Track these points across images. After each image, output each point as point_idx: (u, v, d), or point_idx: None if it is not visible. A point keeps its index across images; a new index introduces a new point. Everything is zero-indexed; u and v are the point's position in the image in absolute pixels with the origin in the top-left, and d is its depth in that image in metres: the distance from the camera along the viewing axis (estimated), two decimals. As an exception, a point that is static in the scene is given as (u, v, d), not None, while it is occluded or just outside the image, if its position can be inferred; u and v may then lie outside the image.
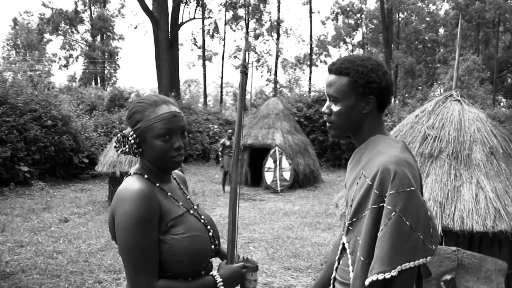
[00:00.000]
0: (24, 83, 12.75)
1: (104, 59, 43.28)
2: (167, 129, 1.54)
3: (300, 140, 14.90)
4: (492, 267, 3.48)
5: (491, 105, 27.29)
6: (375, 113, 1.68)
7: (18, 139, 10.99)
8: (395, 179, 1.46)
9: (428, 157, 4.04)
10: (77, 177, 13.16)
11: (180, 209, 1.58)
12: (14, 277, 4.96)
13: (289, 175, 13.37)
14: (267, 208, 10.38)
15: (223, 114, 25.15)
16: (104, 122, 16.57)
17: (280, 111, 15.25)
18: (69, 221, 7.89)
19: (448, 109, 4.23)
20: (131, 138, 1.54)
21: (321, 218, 9.20)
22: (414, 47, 46.39)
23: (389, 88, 1.65)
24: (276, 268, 5.62)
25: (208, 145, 21.09)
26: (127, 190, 1.46)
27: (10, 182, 10.50)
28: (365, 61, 1.63)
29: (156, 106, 1.56)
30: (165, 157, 1.56)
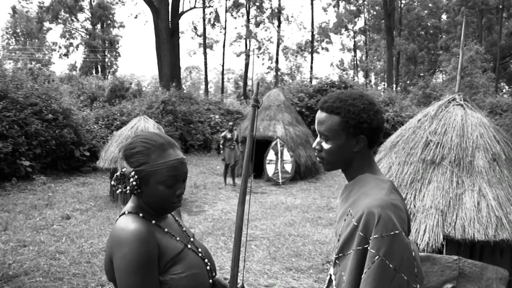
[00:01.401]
0: (24, 77, 12.70)
1: (105, 47, 43.09)
2: (173, 177, 1.53)
3: (301, 131, 14.87)
4: (493, 275, 3.49)
5: (493, 92, 27.20)
6: (365, 151, 1.68)
7: (19, 133, 10.98)
8: (379, 223, 1.47)
9: (430, 164, 4.02)
10: (78, 170, 13.18)
11: (178, 244, 1.56)
12: (17, 280, 4.99)
13: (291, 167, 13.38)
14: (268, 202, 10.40)
15: (224, 104, 25.08)
16: (105, 114, 16.54)
17: (282, 103, 15.20)
18: (71, 218, 7.92)
19: (451, 114, 4.19)
20: (132, 180, 1.50)
21: (322, 212, 9.21)
22: (416, 34, 46.08)
23: (380, 127, 1.64)
24: (278, 269, 5.64)
25: (210, 136, 21.08)
26: (124, 231, 1.43)
27: (12, 177, 10.51)
28: (356, 100, 1.62)
29: (162, 150, 1.54)
30: (165, 202, 1.55)
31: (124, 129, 9.86)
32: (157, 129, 9.93)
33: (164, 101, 19.03)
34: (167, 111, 18.91)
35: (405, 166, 4.16)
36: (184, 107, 20.74)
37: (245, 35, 41.12)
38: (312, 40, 45.35)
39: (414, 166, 4.09)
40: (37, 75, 13.88)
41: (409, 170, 4.10)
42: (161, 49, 23.04)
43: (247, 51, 41.68)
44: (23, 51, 40.64)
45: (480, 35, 36.63)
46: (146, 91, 21.46)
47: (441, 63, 31.90)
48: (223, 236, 7.19)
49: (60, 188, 10.83)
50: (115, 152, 9.30)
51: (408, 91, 30.14)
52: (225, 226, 7.83)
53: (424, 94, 25.40)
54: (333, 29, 50.09)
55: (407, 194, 3.98)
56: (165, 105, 18.94)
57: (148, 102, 18.21)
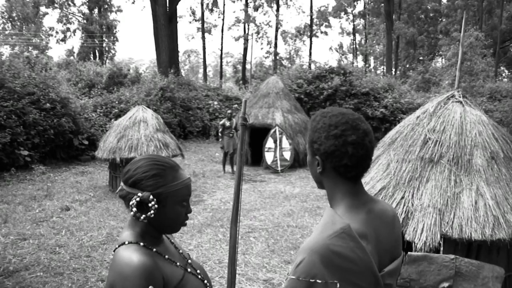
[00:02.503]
0: (21, 65, 12.61)
1: (102, 32, 42.71)
2: (188, 195, 1.58)
3: (300, 119, 14.86)
4: (489, 274, 3.51)
5: (493, 77, 27.09)
6: (332, 177, 1.53)
7: (17, 123, 10.95)
8: (300, 266, 1.35)
9: (428, 162, 4.02)
10: (77, 159, 13.19)
11: (179, 271, 1.55)
12: (18, 275, 5.03)
13: (290, 155, 13.40)
14: (267, 190, 10.43)
15: (223, 90, 24.98)
16: (103, 102, 16.47)
17: (280, 90, 15.15)
18: (71, 210, 7.95)
19: (449, 111, 4.18)
20: (154, 203, 1.47)
21: (321, 202, 9.25)
22: (416, 17, 45.74)
23: (334, 153, 1.46)
24: (276, 262, 5.68)
25: (208, 122, 21.05)
26: (128, 266, 1.38)
27: (10, 167, 10.52)
28: (320, 117, 1.52)
29: (175, 170, 1.56)
30: (178, 222, 1.58)
31: (122, 119, 9.84)
32: (155, 118, 9.92)
33: (163, 88, 18.96)
34: (166, 98, 18.85)
35: (404, 164, 4.16)
36: (182, 94, 20.67)
37: (243, 19, 40.82)
38: (311, 24, 45.03)
39: (412, 164, 4.10)
40: (34, 63, 13.76)
41: (407, 168, 4.10)
42: (159, 35, 22.86)
43: (245, 35, 41.40)
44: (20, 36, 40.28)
45: (481, 19, 36.39)
46: (144, 78, 21.35)
47: (440, 47, 31.73)
48: (222, 228, 7.23)
49: (59, 178, 10.85)
50: (113, 143, 9.29)
51: (407, 75, 30.02)
52: (224, 217, 7.86)
53: (424, 79, 25.31)
54: (332, 12, 49.70)
55: (405, 193, 3.99)
56: (163, 92, 18.87)
57: (146, 89, 18.13)
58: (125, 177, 1.54)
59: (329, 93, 19.68)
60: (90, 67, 21.84)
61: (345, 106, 19.51)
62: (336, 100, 19.75)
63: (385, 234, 1.52)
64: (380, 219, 1.53)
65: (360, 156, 1.45)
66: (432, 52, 39.50)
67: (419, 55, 42.77)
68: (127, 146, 9.19)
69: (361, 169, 1.49)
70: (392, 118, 19.32)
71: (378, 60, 57.35)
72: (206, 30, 39.64)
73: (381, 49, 51.16)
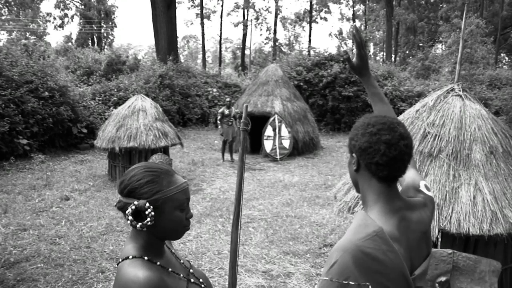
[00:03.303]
0: (18, 53, 12.52)
1: (100, 18, 42.35)
2: (186, 200, 1.54)
3: (299, 107, 14.82)
4: (486, 268, 3.54)
5: (493, 64, 26.98)
6: (366, 177, 1.56)
7: (16, 112, 10.93)
8: (334, 267, 1.38)
9: (427, 156, 4.02)
10: (76, 147, 13.18)
11: (182, 282, 1.54)
12: (18, 266, 5.06)
13: (289, 143, 13.40)
14: (266, 179, 10.45)
15: (222, 77, 24.87)
16: (102, 90, 16.40)
17: (279, 78, 15.10)
18: (70, 199, 7.97)
19: (449, 105, 4.17)
20: (150, 210, 1.44)
21: (320, 191, 9.28)
22: (417, 3, 45.34)
23: (367, 150, 1.50)
24: (275, 253, 5.72)
25: (207, 109, 21.00)
26: (135, 283, 1.35)
27: (10, 156, 10.52)
28: (364, 118, 1.59)
29: (170, 175, 1.53)
30: (180, 227, 1.54)
31: (121, 108, 9.82)
32: (154, 107, 9.90)
33: (161, 75, 18.88)
34: (165, 85, 18.78)
35: (402, 157, 4.16)
36: (181, 81, 20.59)
37: (242, 5, 40.49)
38: (310, 9, 44.68)
39: (411, 158, 4.10)
40: (31, 51, 13.67)
41: (406, 162, 4.11)
42: (158, 21, 22.68)
43: (244, 21, 41.11)
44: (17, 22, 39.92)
45: (482, 5, 36.09)
46: (143, 65, 21.24)
47: (441, 34, 31.55)
48: (221, 218, 7.26)
49: (58, 167, 10.86)
50: (112, 132, 9.29)
51: (407, 62, 29.88)
52: (223, 207, 7.89)
53: (423, 66, 25.20)
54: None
55: (403, 186, 4.01)
56: (162, 79, 18.79)
57: (145, 76, 18.05)
58: (120, 187, 1.51)
59: (328, 80, 19.62)
60: (88, 53, 21.70)
61: (345, 94, 19.48)
62: (336, 87, 19.70)
63: (417, 241, 1.54)
64: (414, 225, 1.55)
65: (392, 156, 1.47)
66: (432, 38, 39.22)
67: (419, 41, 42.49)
68: (126, 135, 9.19)
69: (393, 171, 1.51)
70: (391, 105, 19.28)
71: (377, 46, 57.02)
72: (205, 16, 39.33)
73: (381, 35, 50.86)
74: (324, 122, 20.12)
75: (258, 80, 15.47)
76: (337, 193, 4.71)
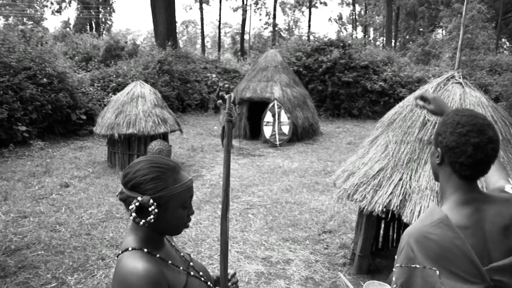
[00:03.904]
0: (16, 39, 12.42)
1: (98, 3, 41.96)
2: (190, 197, 1.54)
3: (299, 93, 14.79)
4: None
5: (494, 50, 26.84)
6: (447, 172, 1.60)
7: (14, 99, 10.88)
8: (402, 252, 1.48)
9: (427, 144, 4.02)
10: (75, 134, 13.16)
11: (183, 276, 1.54)
12: (19, 253, 5.09)
13: (288, 129, 13.39)
14: (266, 165, 10.47)
15: (221, 62, 24.74)
16: (100, 76, 16.31)
17: (279, 64, 15.03)
18: (70, 186, 7.97)
19: (449, 93, 4.15)
20: (154, 207, 1.43)
21: (319, 177, 9.30)
22: (417, -13, 44.93)
23: (454, 150, 1.53)
24: (275, 240, 5.75)
25: (207, 95, 20.93)
26: (133, 274, 1.35)
27: (9, 143, 10.49)
28: (455, 114, 1.59)
29: (176, 172, 1.51)
30: (181, 224, 1.55)
31: (120, 95, 9.77)
32: (153, 93, 9.86)
33: (160, 61, 18.78)
34: (164, 71, 18.69)
35: (402, 145, 4.16)
36: (180, 66, 20.49)
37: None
38: (310, -6, 44.31)
39: (411, 146, 4.10)
40: (29, 37, 13.55)
41: (406, 150, 4.11)
42: (156, 6, 22.48)
43: (244, 6, 40.78)
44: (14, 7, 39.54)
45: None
46: (141, 50, 21.10)
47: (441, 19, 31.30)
48: (221, 204, 7.26)
49: (57, 154, 10.85)
50: (111, 118, 9.26)
51: (407, 47, 29.71)
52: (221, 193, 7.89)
53: (423, 51, 25.07)
54: (332, -18, 48.77)
55: (403, 174, 4.01)
56: (161, 65, 18.69)
57: (144, 62, 17.95)
58: (125, 180, 1.49)
59: (328, 66, 19.54)
60: (86, 39, 21.52)
61: (344, 80, 19.41)
62: (335, 73, 19.63)
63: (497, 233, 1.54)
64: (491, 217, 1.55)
65: (478, 159, 1.50)
66: (433, 23, 38.92)
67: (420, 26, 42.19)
68: (125, 122, 9.16)
69: (476, 172, 1.54)
70: (391, 91, 19.25)
71: (377, 32, 56.65)
72: (203, 1, 39.01)
73: (381, 20, 50.49)
74: (323, 108, 20.09)
75: (257, 66, 15.40)
76: (336, 180, 4.72)
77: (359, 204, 4.20)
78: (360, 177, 4.28)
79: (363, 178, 4.25)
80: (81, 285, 4.42)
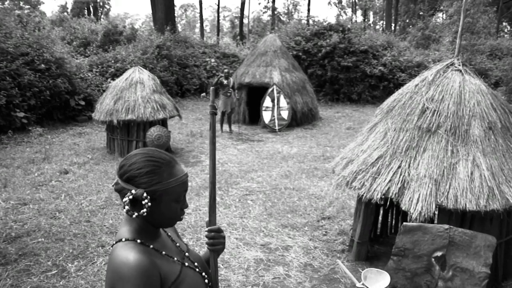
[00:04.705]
0: (12, 25, 12.30)
1: (95, -14, 41.55)
2: (184, 192, 1.55)
3: (298, 78, 14.73)
4: (481, 243, 3.59)
5: (494, 34, 26.65)
6: None
7: (12, 85, 10.81)
8: None
9: (426, 132, 4.02)
10: (74, 120, 13.13)
11: (177, 266, 1.55)
12: (20, 241, 5.11)
13: (287, 114, 13.37)
14: (265, 151, 10.47)
15: (220, 47, 24.58)
16: (99, 61, 16.21)
17: (278, 48, 14.94)
18: (69, 173, 7.98)
19: (448, 80, 4.14)
20: (147, 201, 1.45)
21: (318, 162, 9.31)
22: (418, -31, 44.43)
23: None
24: (274, 226, 5.77)
25: (206, 80, 20.85)
26: (126, 266, 1.37)
27: (7, 130, 10.46)
28: None
29: (171, 167, 1.52)
30: (175, 217, 1.56)
31: (118, 80, 9.72)
32: (152, 79, 9.81)
33: (159, 46, 18.65)
34: (162, 56, 18.58)
35: (401, 132, 4.16)
36: (179, 51, 20.36)
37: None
38: (310, -23, 43.79)
39: (410, 133, 4.10)
40: (26, 22, 13.43)
41: (405, 137, 4.11)
42: (154, -10, 22.27)
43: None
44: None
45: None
46: (140, 35, 20.94)
47: (442, 3, 31.02)
48: (220, 190, 7.30)
49: (56, 140, 10.84)
50: (110, 105, 9.23)
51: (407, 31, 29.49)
52: (221, 179, 7.92)
53: (423, 35, 24.89)
54: (332, -36, 48.28)
55: (402, 162, 4.02)
56: (159, 50, 18.57)
57: (142, 47, 17.83)
58: (120, 172, 1.52)
59: (327, 50, 19.43)
60: (84, 24, 21.33)
61: (344, 64, 19.32)
62: (335, 58, 19.54)
63: None
64: None
65: None
66: (433, 7, 38.57)
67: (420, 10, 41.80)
68: (124, 108, 9.14)
69: None
70: (390, 76, 19.17)
71: (377, 15, 56.21)
72: (202, -16, 38.58)
73: (381, 3, 50.05)
74: (323, 93, 20.02)
75: (256, 51, 15.31)
76: (335, 167, 4.73)
77: (358, 192, 4.21)
78: (359, 165, 4.28)
79: (362, 165, 4.26)
80: (82, 272, 4.45)
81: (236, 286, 4.28)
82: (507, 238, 4.12)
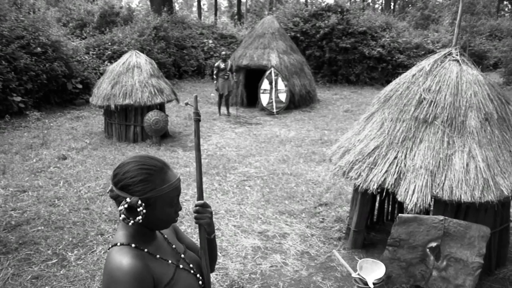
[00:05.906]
0: (6, 7, 12.12)
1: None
2: (177, 196, 1.62)
3: (296, 60, 14.65)
4: (475, 233, 3.64)
5: (495, 13, 26.44)
6: None
7: (8, 69, 10.73)
8: None
9: (422, 122, 4.03)
10: (72, 103, 13.08)
11: (170, 268, 1.60)
12: (20, 229, 5.16)
13: (285, 96, 13.34)
14: (263, 134, 10.49)
15: (218, 28, 24.34)
16: (95, 44, 16.05)
17: (276, 30, 14.81)
18: (67, 159, 8.00)
19: (446, 70, 4.13)
20: (142, 208, 1.51)
21: (316, 146, 9.33)
22: None
23: None
24: (271, 213, 5.82)
25: (203, 61, 20.71)
26: (120, 271, 1.44)
27: (4, 114, 10.41)
28: None
29: (164, 173, 1.58)
30: (169, 220, 1.63)
31: (115, 65, 9.67)
32: (149, 63, 9.76)
33: (156, 27, 18.47)
34: (159, 38, 18.41)
35: (398, 123, 4.17)
36: (176, 33, 20.17)
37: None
38: (308, -45, 43.19)
39: (406, 124, 4.11)
40: (20, 4, 13.25)
41: (401, 128, 4.12)
42: (150, -31, 21.94)
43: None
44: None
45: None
46: (137, 16, 20.70)
47: (442, -19, 30.68)
48: (217, 176, 7.34)
49: (54, 124, 10.82)
50: (107, 89, 9.20)
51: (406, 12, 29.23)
52: (219, 164, 7.95)
53: (423, 15, 24.69)
54: None
55: (398, 153, 4.04)
56: (157, 31, 18.40)
57: (139, 29, 17.65)
58: (114, 180, 1.56)
59: (325, 31, 19.28)
60: (80, 4, 21.05)
61: (342, 46, 19.19)
62: (333, 39, 19.39)
63: None
64: None
65: None
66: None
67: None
68: (121, 92, 9.12)
69: None
70: (389, 58, 19.07)
71: (377, -6, 55.60)
72: (199, -38, 38.00)
73: (381, -19, 49.43)
74: (321, 74, 19.94)
75: (254, 33, 15.19)
76: (332, 156, 4.75)
77: (354, 182, 4.24)
78: (356, 155, 4.31)
79: (358, 155, 4.28)
80: (81, 261, 4.50)
81: (234, 274, 4.34)
82: (500, 228, 4.18)
